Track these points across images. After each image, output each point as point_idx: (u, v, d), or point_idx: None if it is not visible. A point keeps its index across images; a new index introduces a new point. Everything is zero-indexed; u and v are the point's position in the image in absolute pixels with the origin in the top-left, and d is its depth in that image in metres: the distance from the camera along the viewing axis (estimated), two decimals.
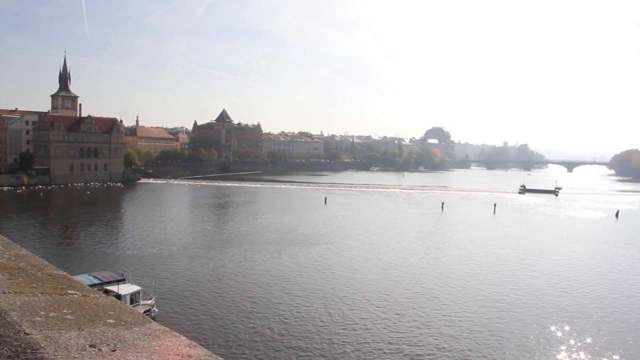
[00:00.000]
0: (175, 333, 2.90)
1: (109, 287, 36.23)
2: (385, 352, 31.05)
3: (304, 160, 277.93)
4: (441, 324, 36.02)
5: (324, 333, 33.81)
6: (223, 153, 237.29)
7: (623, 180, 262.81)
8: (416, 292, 44.14)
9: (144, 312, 35.06)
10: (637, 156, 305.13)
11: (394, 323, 36.03)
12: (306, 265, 52.43)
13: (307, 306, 39.24)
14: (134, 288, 36.95)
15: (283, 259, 54.64)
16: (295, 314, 37.20)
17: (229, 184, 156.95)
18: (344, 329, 34.62)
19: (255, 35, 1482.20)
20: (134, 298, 35.91)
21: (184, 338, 2.87)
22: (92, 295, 3.87)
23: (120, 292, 35.30)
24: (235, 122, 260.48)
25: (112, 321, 3.15)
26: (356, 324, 35.55)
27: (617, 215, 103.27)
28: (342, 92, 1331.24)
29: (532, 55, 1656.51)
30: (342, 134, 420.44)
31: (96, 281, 36.51)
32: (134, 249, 58.27)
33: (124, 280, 38.00)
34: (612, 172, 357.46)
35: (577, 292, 45.20)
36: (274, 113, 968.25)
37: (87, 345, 2.66)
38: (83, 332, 2.86)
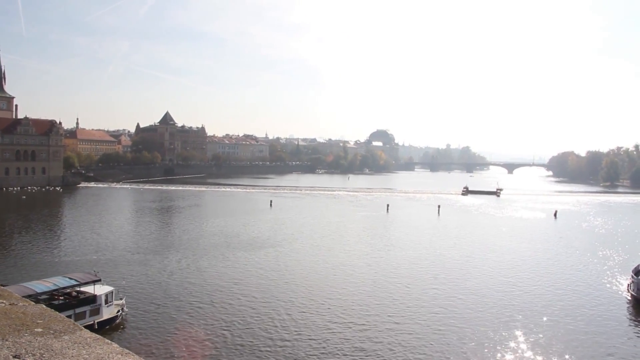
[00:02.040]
0: (107, 340, 2.78)
1: (85, 288, 36.65)
2: (335, 353, 31.17)
3: (249, 163, 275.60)
4: (389, 325, 36.35)
5: (275, 335, 33.73)
6: (167, 156, 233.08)
7: (560, 181, 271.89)
8: (364, 293, 44.36)
9: (117, 312, 36.56)
10: (572, 158, 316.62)
11: (342, 325, 36.12)
12: (254, 269, 51.98)
13: (258, 308, 39.14)
14: (108, 288, 37.22)
15: (229, 263, 54.08)
16: (244, 317, 37.04)
17: (173, 188, 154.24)
18: (293, 331, 34.56)
19: (199, 37, 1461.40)
20: (107, 298, 36.27)
21: (115, 345, 2.75)
22: (20, 304, 3.70)
23: (95, 293, 35.91)
24: (179, 124, 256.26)
25: (40, 330, 3.03)
26: (306, 326, 35.52)
27: (555, 215, 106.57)
28: (287, 95, 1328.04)
29: (472, 59, 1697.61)
30: (287, 137, 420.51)
31: (73, 282, 36.54)
32: (74, 255, 56.51)
33: (99, 280, 37.60)
34: (550, 173, 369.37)
35: (521, 291, 46.53)
36: (219, 115, 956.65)
37: (11, 356, 2.55)
38: (7, 343, 2.74)
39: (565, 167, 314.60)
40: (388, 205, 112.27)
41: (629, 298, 44.26)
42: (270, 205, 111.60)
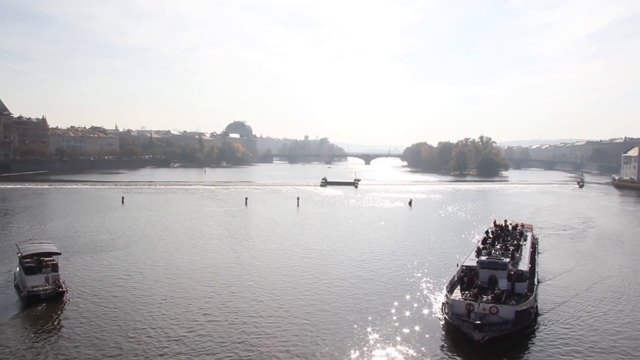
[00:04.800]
0: None
1: None
2: (191, 356, 29.17)
3: (97, 158, 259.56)
4: (249, 323, 34.51)
5: (125, 343, 30.63)
6: (1, 151, 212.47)
7: (414, 171, 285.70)
8: (223, 292, 41.84)
9: None
10: (425, 149, 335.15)
11: (198, 325, 33.82)
12: (101, 274, 46.85)
13: (105, 314, 35.72)
14: None
15: (73, 268, 48.18)
16: (87, 327, 33.21)
17: (10, 186, 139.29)
18: (143, 336, 31.64)
19: (38, 19, 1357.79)
20: None
21: None
22: None
23: None
24: (15, 115, 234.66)
25: None
26: (158, 330, 32.58)
27: (410, 203, 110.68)
28: (138, 85, 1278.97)
29: (325, 53, 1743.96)
30: (139, 129, 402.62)
31: None
32: None
33: None
34: (405, 163, 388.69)
35: (381, 278, 46.68)
36: (62, 106, 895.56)
37: None
38: None
39: (419, 158, 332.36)
40: (247, 199, 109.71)
41: (443, 322, 35.45)
42: (122, 202, 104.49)
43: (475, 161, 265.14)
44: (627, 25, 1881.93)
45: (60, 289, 39.14)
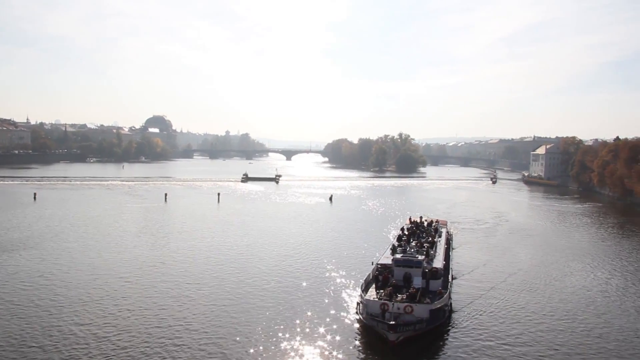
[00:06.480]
0: None
1: None
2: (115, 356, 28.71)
3: (6, 152, 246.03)
4: (170, 321, 34.41)
5: (45, 340, 29.84)
6: None
7: (335, 167, 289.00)
8: (144, 291, 41.25)
9: None
10: (345, 145, 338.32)
11: (120, 325, 33.11)
12: (13, 273, 45.12)
13: (21, 314, 34.75)
14: None
15: None
16: (8, 321, 32.66)
17: None
18: (63, 335, 31.05)
19: None
20: None
21: None
22: None
23: None
24: None
25: None
26: (79, 330, 31.85)
27: (331, 199, 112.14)
28: (52, 76, 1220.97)
29: (250, 47, 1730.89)
30: (53, 122, 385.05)
31: None
32: None
33: None
34: (326, 159, 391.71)
35: (300, 277, 46.94)
36: None
37: None
38: None
39: (340, 154, 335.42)
40: (166, 195, 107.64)
41: (358, 323, 35.23)
42: (34, 198, 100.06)
43: (394, 157, 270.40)
44: (535, 31, 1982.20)
45: None
